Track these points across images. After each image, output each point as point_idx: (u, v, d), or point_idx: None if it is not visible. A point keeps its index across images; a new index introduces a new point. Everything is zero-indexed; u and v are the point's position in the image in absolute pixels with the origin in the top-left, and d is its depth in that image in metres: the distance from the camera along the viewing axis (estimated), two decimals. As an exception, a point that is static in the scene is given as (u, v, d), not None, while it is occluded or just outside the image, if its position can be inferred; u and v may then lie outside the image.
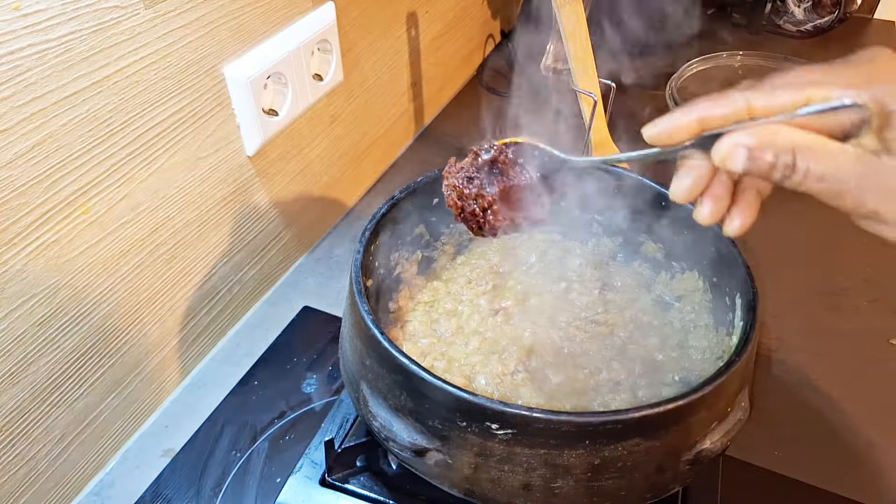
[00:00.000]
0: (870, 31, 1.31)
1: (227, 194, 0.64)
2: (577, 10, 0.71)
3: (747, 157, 0.31)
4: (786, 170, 0.31)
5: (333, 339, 0.70)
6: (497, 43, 1.24)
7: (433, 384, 0.38)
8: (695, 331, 0.54)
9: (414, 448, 0.41)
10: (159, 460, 0.60)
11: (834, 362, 0.68)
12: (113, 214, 0.52)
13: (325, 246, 0.84)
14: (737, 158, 0.31)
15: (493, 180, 0.45)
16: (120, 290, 0.55)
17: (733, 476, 0.56)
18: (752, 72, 1.06)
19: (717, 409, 0.41)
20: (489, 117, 1.07)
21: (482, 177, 0.45)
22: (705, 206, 0.36)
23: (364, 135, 0.87)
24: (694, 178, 0.35)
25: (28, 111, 0.43)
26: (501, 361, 0.50)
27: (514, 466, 0.39)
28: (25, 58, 0.42)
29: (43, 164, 0.45)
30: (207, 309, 0.67)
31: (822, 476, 0.58)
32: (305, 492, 0.52)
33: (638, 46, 1.17)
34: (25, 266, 0.47)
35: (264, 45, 0.62)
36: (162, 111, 0.54)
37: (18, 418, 0.50)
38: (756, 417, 0.63)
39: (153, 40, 0.51)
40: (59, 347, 0.51)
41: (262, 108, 0.63)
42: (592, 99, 0.74)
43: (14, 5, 0.40)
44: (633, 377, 0.50)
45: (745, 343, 0.42)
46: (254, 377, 0.67)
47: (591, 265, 0.60)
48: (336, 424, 0.56)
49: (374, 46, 0.82)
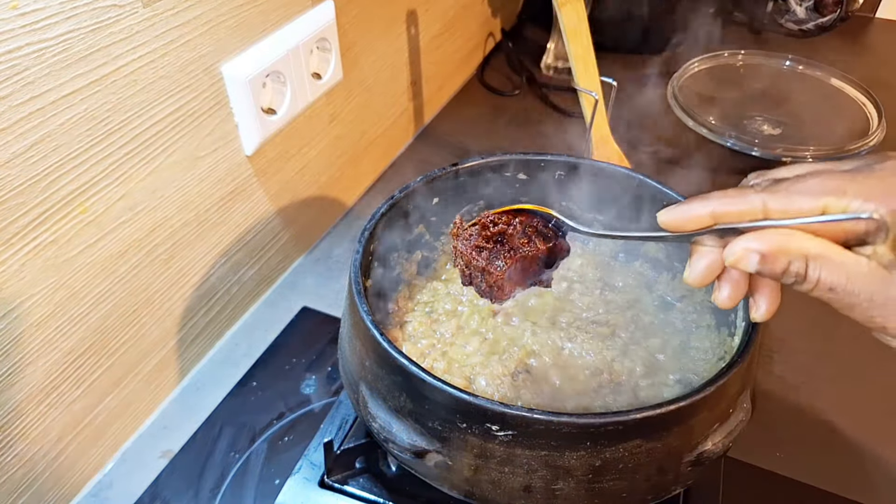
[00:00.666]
0: (872, 30, 1.30)
1: (226, 194, 0.64)
2: (578, 9, 0.71)
3: (759, 262, 0.31)
4: (797, 277, 0.31)
5: (332, 340, 0.70)
6: (497, 41, 1.23)
7: (433, 385, 0.38)
8: (696, 331, 0.53)
9: (414, 449, 0.41)
10: (158, 461, 0.60)
11: (836, 363, 0.68)
12: (111, 214, 0.52)
13: (324, 246, 0.84)
14: (749, 262, 0.32)
15: (501, 254, 0.45)
16: (118, 290, 0.55)
17: (735, 477, 0.56)
18: (754, 70, 1.06)
19: (718, 410, 0.41)
20: (489, 117, 1.07)
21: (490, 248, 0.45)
22: (723, 291, 0.36)
23: (363, 134, 0.87)
24: (708, 263, 0.35)
25: (26, 110, 0.43)
26: (502, 362, 0.50)
27: (515, 468, 0.39)
28: (23, 57, 0.42)
29: (41, 163, 0.45)
30: (206, 309, 0.67)
31: (824, 477, 0.58)
32: (304, 493, 0.52)
33: (639, 45, 1.17)
34: (23, 266, 0.46)
35: (263, 43, 0.62)
36: (160, 110, 0.53)
37: (16, 419, 0.49)
38: (758, 418, 0.63)
39: (151, 39, 0.50)
40: (57, 348, 0.51)
41: (260, 107, 0.63)
42: (593, 98, 0.74)
43: (12, 4, 0.40)
44: (635, 378, 0.50)
45: (747, 344, 0.42)
46: (252, 378, 0.67)
47: (593, 265, 0.59)
48: (335, 426, 0.55)
49: (373, 45, 0.82)
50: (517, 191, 0.58)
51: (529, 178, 0.58)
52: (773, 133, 0.96)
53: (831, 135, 0.90)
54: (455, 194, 0.57)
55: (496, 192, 0.58)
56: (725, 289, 0.36)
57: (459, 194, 0.57)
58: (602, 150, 0.79)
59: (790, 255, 0.31)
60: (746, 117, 0.98)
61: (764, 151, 0.86)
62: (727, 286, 0.36)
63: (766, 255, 0.31)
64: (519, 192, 0.59)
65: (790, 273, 0.31)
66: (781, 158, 0.86)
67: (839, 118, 0.96)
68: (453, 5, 1.01)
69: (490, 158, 0.56)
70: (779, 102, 1.01)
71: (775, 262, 0.31)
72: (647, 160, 0.91)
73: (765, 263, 0.31)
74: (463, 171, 0.56)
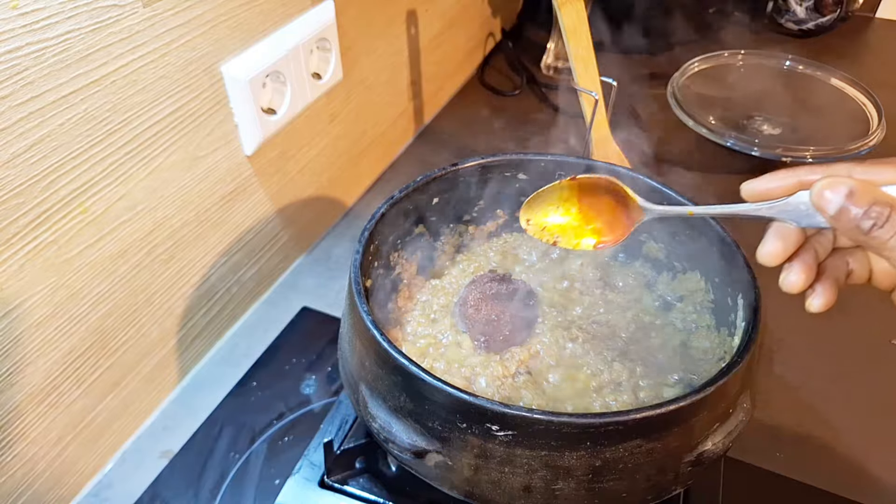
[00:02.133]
0: (872, 30, 1.30)
1: (226, 194, 0.64)
2: (578, 8, 0.71)
3: (846, 196, 0.32)
4: (879, 218, 0.31)
5: (332, 340, 0.70)
6: (497, 41, 1.23)
7: (433, 385, 0.38)
8: (697, 331, 0.53)
9: (413, 450, 0.41)
10: (157, 461, 0.60)
11: (836, 363, 0.68)
12: (111, 214, 0.52)
13: (323, 246, 0.84)
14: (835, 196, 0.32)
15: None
16: (118, 290, 0.55)
17: (735, 477, 0.56)
18: (754, 70, 1.06)
19: (718, 411, 0.41)
20: (489, 117, 1.07)
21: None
22: (794, 273, 0.36)
23: (363, 134, 0.86)
24: (784, 242, 0.36)
25: (26, 110, 0.43)
26: (502, 363, 0.50)
27: (515, 468, 0.39)
28: (23, 57, 0.42)
29: (41, 163, 0.45)
30: (206, 309, 0.67)
31: (824, 477, 0.58)
32: (304, 493, 0.52)
33: (639, 45, 1.17)
34: (23, 266, 0.46)
35: (263, 43, 0.62)
36: (160, 110, 0.53)
37: (16, 419, 0.49)
38: (758, 418, 0.63)
39: (151, 39, 0.50)
40: (57, 348, 0.51)
41: (260, 106, 0.63)
42: (593, 97, 0.74)
43: (12, 4, 0.40)
44: (635, 378, 0.50)
45: (747, 344, 0.42)
46: (252, 378, 0.67)
47: (593, 265, 0.59)
48: (335, 426, 0.55)
49: (373, 45, 0.82)
50: (517, 191, 0.58)
51: (529, 178, 0.58)
52: (773, 133, 0.96)
53: (831, 135, 0.90)
54: (455, 194, 0.57)
55: (496, 192, 0.59)
56: (796, 270, 0.36)
57: (459, 194, 0.57)
58: (602, 150, 0.79)
59: (876, 196, 0.32)
60: (746, 117, 0.98)
61: (764, 151, 0.86)
62: (799, 267, 0.36)
63: (853, 191, 0.32)
64: (519, 192, 0.59)
65: (871, 215, 0.32)
66: (781, 158, 0.86)
67: (839, 118, 0.96)
68: (453, 5, 1.01)
69: (490, 158, 0.56)
70: (778, 102, 1.01)
71: (861, 198, 0.32)
72: (647, 160, 0.91)
73: (851, 198, 0.32)
74: (463, 171, 0.56)
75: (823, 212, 0.33)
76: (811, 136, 0.92)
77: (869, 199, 0.32)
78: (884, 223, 0.31)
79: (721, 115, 0.95)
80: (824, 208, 0.33)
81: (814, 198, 0.33)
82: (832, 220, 0.33)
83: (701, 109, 0.95)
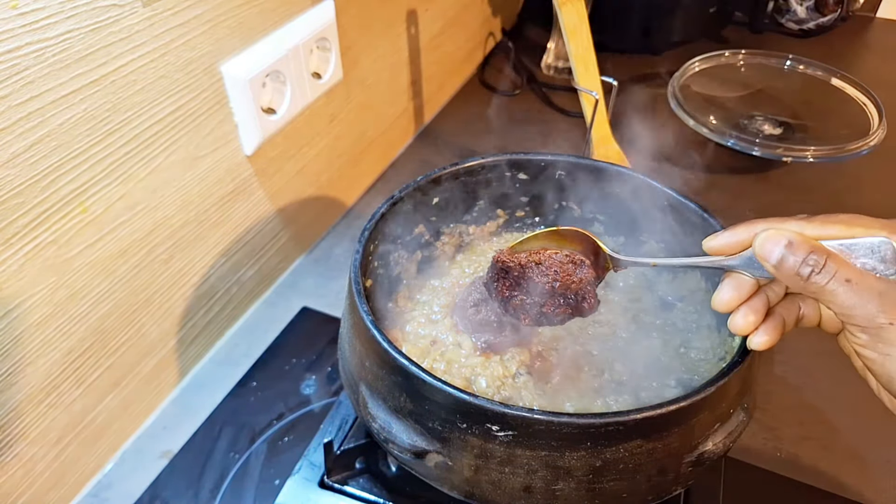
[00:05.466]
0: (872, 30, 1.30)
1: (225, 194, 0.64)
2: (579, 8, 0.71)
3: (785, 246, 0.35)
4: (816, 265, 0.34)
5: (332, 340, 0.70)
6: (497, 41, 1.23)
7: (433, 385, 0.38)
8: (697, 331, 0.53)
9: (414, 450, 0.41)
10: (157, 462, 0.60)
11: (836, 363, 0.68)
12: (110, 214, 0.52)
13: (323, 246, 0.84)
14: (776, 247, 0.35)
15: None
16: (118, 290, 0.55)
17: (735, 478, 0.56)
18: (755, 70, 1.05)
19: (719, 411, 0.41)
20: (489, 117, 1.07)
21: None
22: (740, 317, 0.38)
23: (363, 134, 0.86)
24: (738, 291, 0.38)
25: (25, 110, 0.43)
26: (502, 363, 0.50)
27: (515, 468, 0.39)
28: (23, 56, 0.42)
29: (40, 163, 0.45)
30: (206, 309, 0.67)
31: (824, 477, 0.58)
32: (304, 494, 0.52)
33: (639, 45, 1.17)
34: (23, 266, 0.46)
35: (263, 43, 0.62)
36: (160, 110, 0.53)
37: (16, 419, 0.49)
38: (758, 419, 0.63)
39: (151, 39, 0.50)
40: (57, 348, 0.51)
41: (260, 106, 0.63)
42: (594, 97, 0.74)
43: (12, 4, 0.40)
44: (636, 378, 0.50)
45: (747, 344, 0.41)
46: (252, 378, 0.67)
47: (593, 265, 0.59)
48: (335, 426, 0.55)
49: (373, 44, 0.81)
50: (517, 191, 0.58)
51: (529, 178, 0.58)
52: (773, 133, 0.96)
53: (831, 135, 0.90)
54: (455, 194, 0.57)
55: (496, 192, 0.58)
56: (743, 313, 0.38)
57: (459, 194, 0.57)
58: (602, 150, 0.79)
59: (813, 246, 0.34)
60: (746, 117, 0.98)
61: (764, 151, 0.86)
62: (746, 311, 0.38)
63: (792, 243, 0.35)
64: (519, 192, 0.59)
65: (808, 262, 0.34)
66: (781, 158, 0.86)
67: (839, 118, 0.96)
68: (453, 5, 1.01)
69: (490, 158, 0.56)
70: (779, 102, 1.01)
71: (799, 248, 0.34)
72: (647, 160, 0.91)
73: (790, 248, 0.35)
74: (463, 171, 0.56)
75: (765, 261, 0.36)
76: (811, 136, 0.92)
77: (807, 248, 0.34)
78: (820, 270, 0.34)
79: (722, 115, 0.95)
80: (766, 258, 0.36)
81: (756, 249, 0.36)
82: (773, 268, 0.36)
83: (701, 109, 0.95)
